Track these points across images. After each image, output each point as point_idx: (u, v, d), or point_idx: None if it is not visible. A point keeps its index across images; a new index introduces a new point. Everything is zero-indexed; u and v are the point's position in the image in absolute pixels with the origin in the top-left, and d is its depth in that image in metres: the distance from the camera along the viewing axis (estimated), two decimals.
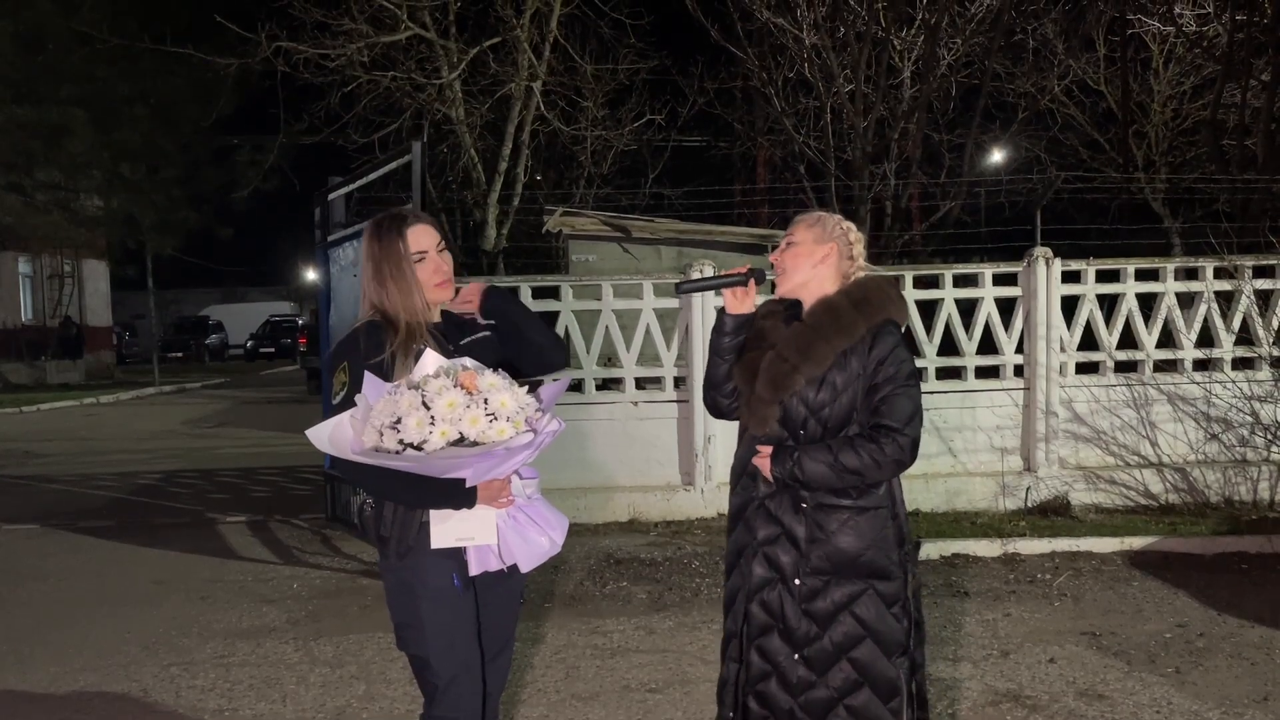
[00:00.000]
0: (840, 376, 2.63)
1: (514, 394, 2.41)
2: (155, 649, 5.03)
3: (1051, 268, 7.60)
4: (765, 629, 2.68)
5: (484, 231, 13.53)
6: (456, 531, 2.53)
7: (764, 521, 2.69)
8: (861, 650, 2.61)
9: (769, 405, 2.68)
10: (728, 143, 17.97)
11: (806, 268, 2.73)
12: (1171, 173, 15.93)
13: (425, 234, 2.63)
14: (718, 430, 7.54)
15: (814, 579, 2.63)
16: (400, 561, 2.56)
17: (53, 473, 10.87)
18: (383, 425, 2.33)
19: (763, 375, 2.69)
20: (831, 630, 2.62)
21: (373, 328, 2.59)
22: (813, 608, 2.63)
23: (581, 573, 6.21)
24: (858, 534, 2.62)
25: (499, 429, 2.35)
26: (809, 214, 2.82)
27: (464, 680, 2.60)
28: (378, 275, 2.61)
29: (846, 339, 2.64)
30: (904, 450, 2.59)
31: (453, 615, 2.58)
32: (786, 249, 2.76)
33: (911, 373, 2.65)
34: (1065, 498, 7.36)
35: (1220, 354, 7.72)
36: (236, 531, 7.67)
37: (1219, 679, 4.31)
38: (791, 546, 2.65)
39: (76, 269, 28.19)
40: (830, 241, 2.73)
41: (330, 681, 4.52)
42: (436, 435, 2.30)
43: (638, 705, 4.18)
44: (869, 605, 2.62)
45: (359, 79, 12.66)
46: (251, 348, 39.69)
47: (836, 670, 2.62)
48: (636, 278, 7.97)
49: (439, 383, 2.34)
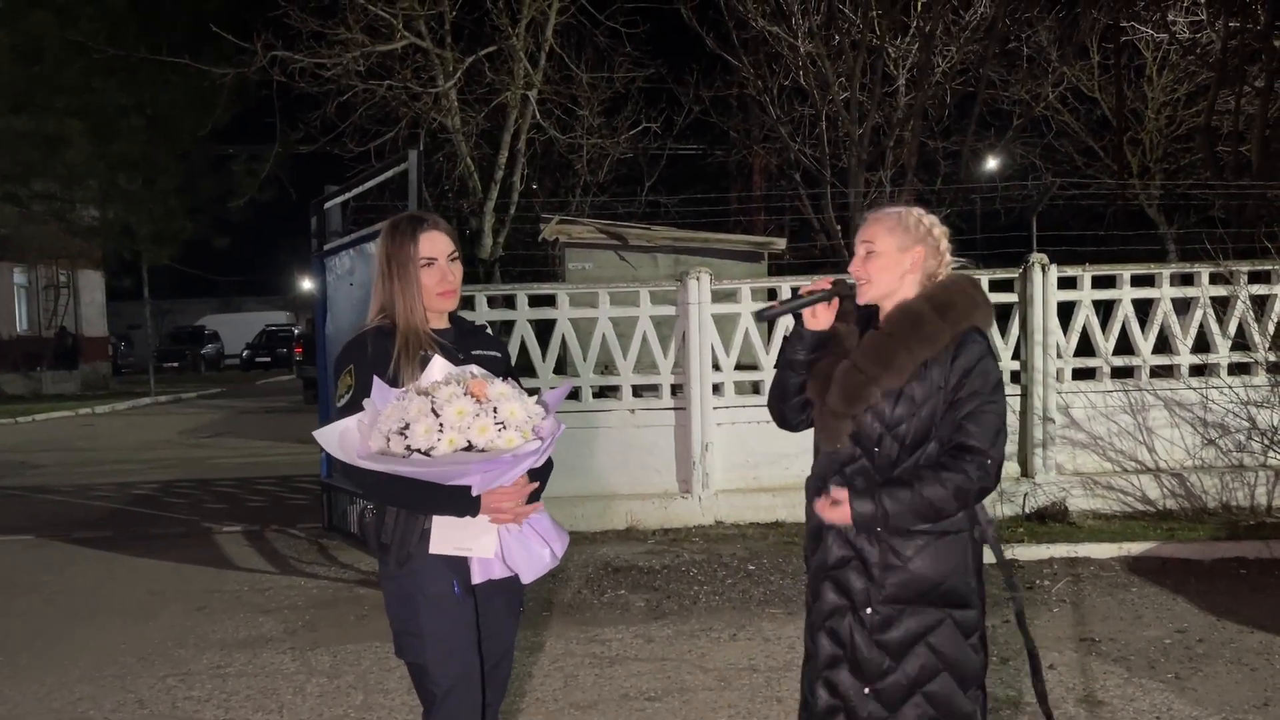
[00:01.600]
0: (920, 389, 2.43)
1: (523, 403, 2.39)
2: (151, 660, 5.01)
3: (1048, 274, 7.62)
4: (833, 661, 2.51)
5: (480, 240, 13.52)
6: (456, 540, 2.51)
7: (837, 544, 2.51)
8: (937, 684, 2.44)
9: (841, 419, 2.49)
10: (723, 150, 17.99)
11: (893, 278, 2.51)
12: (1166, 179, 15.99)
13: (439, 241, 2.63)
14: (715, 438, 7.54)
15: (887, 608, 2.44)
16: (400, 569, 2.55)
17: (49, 483, 10.84)
18: (390, 431, 2.32)
19: (836, 387, 2.49)
20: (906, 663, 2.44)
21: (380, 334, 2.59)
22: (885, 638, 2.45)
23: (579, 581, 6.20)
24: (937, 559, 2.43)
25: (507, 438, 2.33)
26: (886, 214, 2.56)
27: (462, 689, 2.58)
28: (386, 274, 2.62)
29: (929, 349, 2.43)
30: (989, 474, 2.40)
31: (452, 623, 2.56)
32: (868, 258, 2.52)
33: (997, 385, 2.45)
34: (1063, 504, 7.35)
35: (1217, 359, 7.72)
36: (233, 541, 7.64)
37: (1219, 685, 4.30)
38: (864, 572, 2.47)
39: (72, 279, 28.14)
40: (917, 245, 2.50)
41: (327, 691, 4.50)
42: (444, 443, 2.29)
43: (636, 713, 4.17)
44: (946, 636, 2.44)
45: (355, 88, 12.65)
46: (248, 357, 39.62)
47: (910, 706, 2.44)
48: (633, 285, 7.97)
49: (449, 390, 2.33)
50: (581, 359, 7.65)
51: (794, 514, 7.29)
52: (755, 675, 4.54)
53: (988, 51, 14.05)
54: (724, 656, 4.81)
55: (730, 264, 9.52)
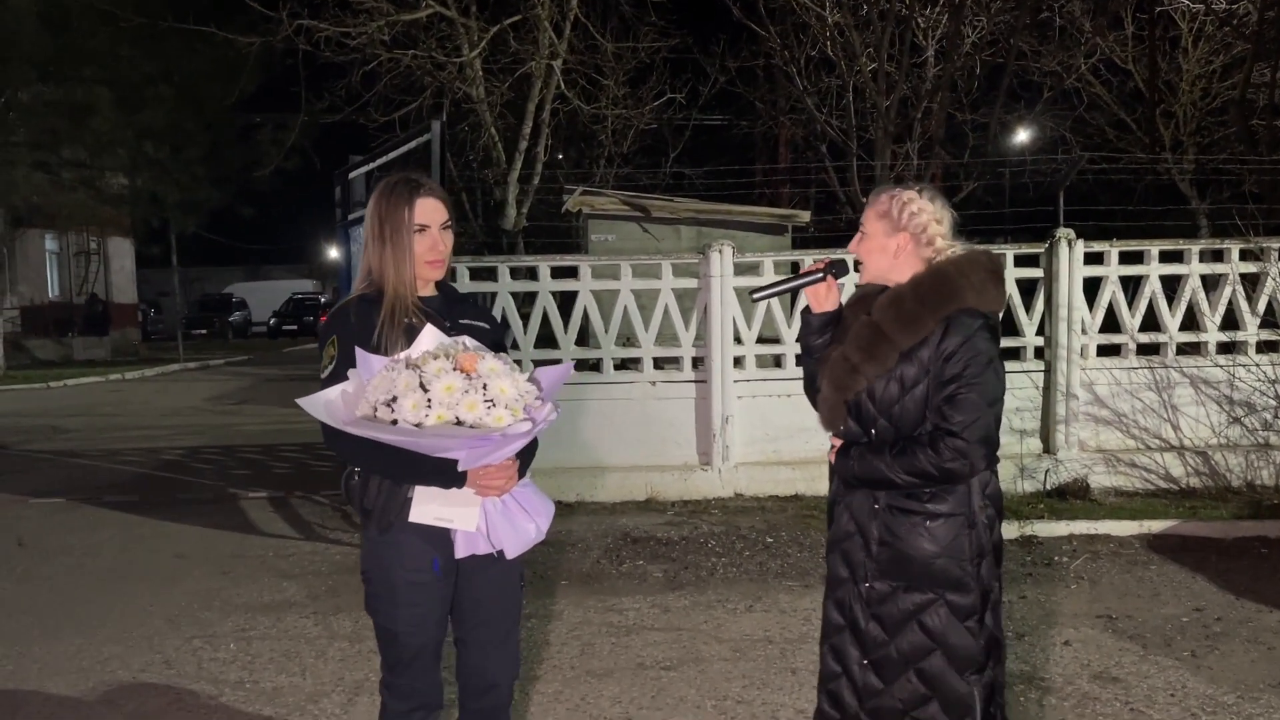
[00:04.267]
0: (910, 370, 2.45)
1: (514, 380, 2.33)
2: (178, 622, 5.11)
3: (1074, 249, 7.54)
4: (838, 629, 2.59)
5: (504, 211, 13.54)
6: (437, 512, 2.46)
7: (844, 519, 2.59)
8: (930, 663, 2.47)
9: (835, 405, 2.55)
10: (749, 122, 17.87)
11: (884, 260, 2.53)
12: (1199, 153, 15.72)
13: (434, 208, 2.57)
14: (735, 411, 7.55)
15: (882, 583, 2.50)
16: (380, 536, 2.52)
17: (78, 447, 11.01)
18: (377, 401, 2.28)
19: (827, 373, 2.56)
20: (898, 639, 2.49)
21: (364, 302, 2.54)
22: (880, 612, 2.51)
23: (598, 551, 6.25)
24: (929, 540, 2.45)
25: (496, 416, 2.27)
26: (880, 197, 2.55)
27: (427, 657, 2.61)
28: (378, 236, 2.55)
29: (910, 336, 2.43)
30: (964, 456, 2.38)
31: (426, 597, 2.55)
32: (861, 240, 2.57)
33: (984, 367, 2.41)
34: (1084, 480, 7.32)
35: (1245, 337, 7.64)
36: (258, 507, 7.75)
37: (1235, 663, 4.29)
38: (864, 547, 2.53)
39: (102, 246, 28.43)
40: (900, 233, 2.50)
41: (349, 655, 4.57)
42: (432, 419, 2.24)
43: (652, 683, 4.21)
44: (939, 616, 2.46)
45: (380, 57, 12.66)
46: (274, 325, 39.98)
47: (904, 681, 2.49)
48: (655, 258, 7.96)
49: (438, 364, 2.27)
50: (603, 331, 7.67)
51: (813, 487, 7.30)
52: (770, 647, 4.57)
53: (1019, 22, 13.85)
54: (740, 628, 4.85)
55: (754, 237, 9.50)
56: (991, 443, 2.45)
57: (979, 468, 2.44)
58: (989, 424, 2.43)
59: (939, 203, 2.54)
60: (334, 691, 4.19)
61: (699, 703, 4.01)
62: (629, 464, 7.61)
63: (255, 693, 4.19)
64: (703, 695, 4.07)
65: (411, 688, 2.63)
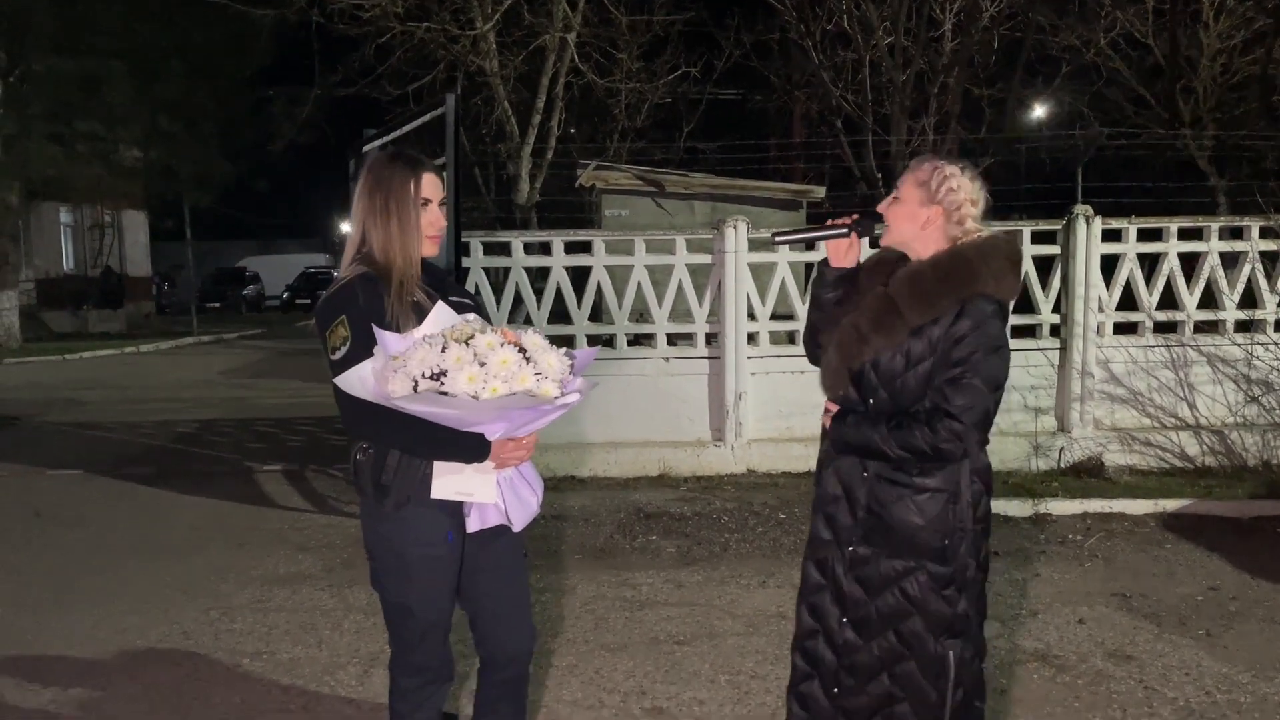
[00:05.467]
0: (918, 346, 2.45)
1: (557, 355, 2.40)
2: (195, 594, 5.15)
3: (1091, 226, 7.48)
4: (817, 588, 2.63)
5: (517, 185, 13.51)
6: (458, 485, 2.50)
7: (831, 482, 2.61)
8: (908, 625, 2.52)
9: (839, 372, 2.55)
10: (764, 96, 17.76)
11: (912, 229, 2.51)
12: (1219, 129, 15.54)
13: (434, 183, 2.57)
14: (749, 387, 7.54)
15: (865, 548, 2.54)
16: (396, 511, 2.51)
17: (95, 420, 11.09)
18: (419, 375, 2.29)
19: (836, 340, 2.55)
20: (879, 600, 2.54)
21: (367, 281, 2.48)
22: (862, 574, 2.55)
23: (612, 526, 6.27)
24: (915, 512, 2.48)
25: (545, 388, 2.34)
26: (923, 166, 2.54)
27: (440, 629, 2.63)
28: (382, 211, 2.50)
29: (924, 315, 2.43)
30: (960, 438, 2.40)
31: (440, 570, 2.56)
32: (894, 204, 2.55)
33: (992, 353, 2.41)
34: (1099, 459, 7.30)
35: (1263, 315, 7.58)
36: (273, 480, 7.80)
37: (1251, 643, 4.28)
38: (849, 512, 2.57)
39: (117, 219, 28.49)
40: (934, 205, 2.49)
41: (364, 628, 4.61)
42: (488, 392, 2.29)
43: (665, 657, 4.23)
44: (919, 585, 2.50)
45: (393, 30, 12.60)
46: (288, 299, 40.05)
47: (882, 638, 2.55)
48: (669, 233, 7.93)
49: (488, 339, 2.32)
50: (617, 307, 7.66)
51: None
52: (783, 622, 4.58)
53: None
54: (752, 603, 4.86)
55: (768, 212, 9.45)
56: (987, 426, 2.47)
57: (971, 451, 2.47)
58: (988, 409, 2.44)
59: (977, 184, 2.54)
60: (350, 663, 4.22)
61: (713, 677, 4.03)
62: (642, 439, 7.61)
63: (272, 664, 4.23)
64: (716, 670, 4.09)
65: (424, 663, 2.65)
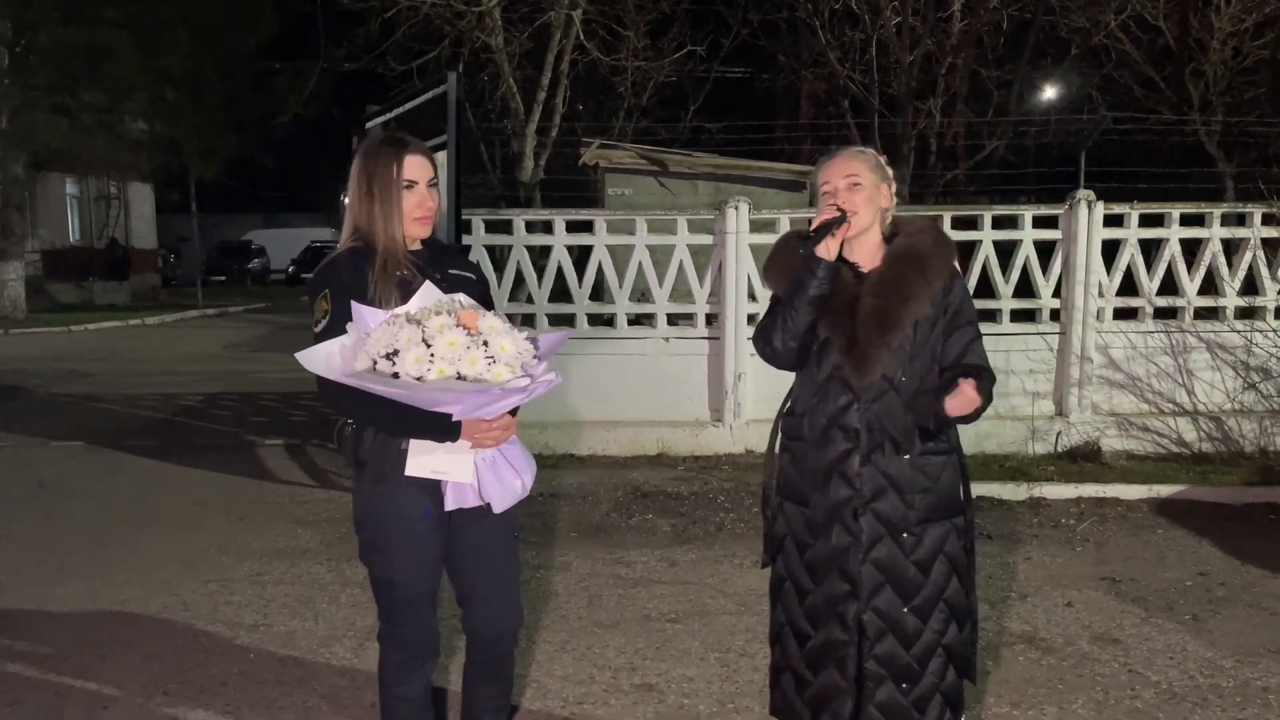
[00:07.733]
0: (924, 324, 2.60)
1: (514, 338, 2.39)
2: (195, 566, 5.21)
3: (1093, 211, 7.47)
4: (879, 588, 2.62)
5: (521, 163, 13.50)
6: (433, 464, 2.52)
7: (869, 476, 2.61)
8: (951, 588, 2.66)
9: (879, 349, 2.56)
10: (770, 76, 17.68)
11: (873, 212, 2.62)
12: (1228, 114, 15.46)
13: (420, 165, 2.60)
14: (748, 368, 7.56)
15: (920, 528, 2.62)
16: (375, 487, 2.57)
17: (98, 392, 11.15)
18: (377, 354, 2.31)
19: (869, 321, 2.56)
20: (933, 574, 2.63)
21: (355, 255, 2.55)
22: (919, 557, 2.63)
23: (608, 504, 6.32)
24: (955, 476, 2.67)
25: (496, 372, 2.33)
26: (866, 151, 2.69)
27: (425, 602, 2.68)
28: (366, 194, 2.57)
29: (940, 277, 2.59)
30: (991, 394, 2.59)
31: (422, 544, 2.61)
32: (855, 190, 2.58)
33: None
34: (1096, 444, 7.32)
35: (1264, 302, 7.58)
36: (274, 455, 7.85)
37: (1236, 628, 4.33)
38: (899, 499, 2.60)
39: (122, 192, 28.47)
40: (884, 183, 2.65)
41: (360, 602, 4.66)
42: (434, 373, 2.29)
43: (657, 634, 4.29)
44: (953, 543, 2.67)
45: (399, 4, 12.57)
46: (293, 273, 39.98)
47: (937, 613, 2.64)
48: (671, 213, 7.93)
49: (440, 320, 2.32)
50: (618, 286, 7.67)
51: None
52: None
53: None
54: (745, 582, 4.91)
55: (771, 193, 9.45)
56: None
57: None
58: None
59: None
60: (345, 636, 4.28)
61: (703, 655, 4.08)
62: (641, 419, 7.65)
63: (269, 636, 4.29)
64: (706, 648, 4.14)
65: (410, 637, 2.70)
